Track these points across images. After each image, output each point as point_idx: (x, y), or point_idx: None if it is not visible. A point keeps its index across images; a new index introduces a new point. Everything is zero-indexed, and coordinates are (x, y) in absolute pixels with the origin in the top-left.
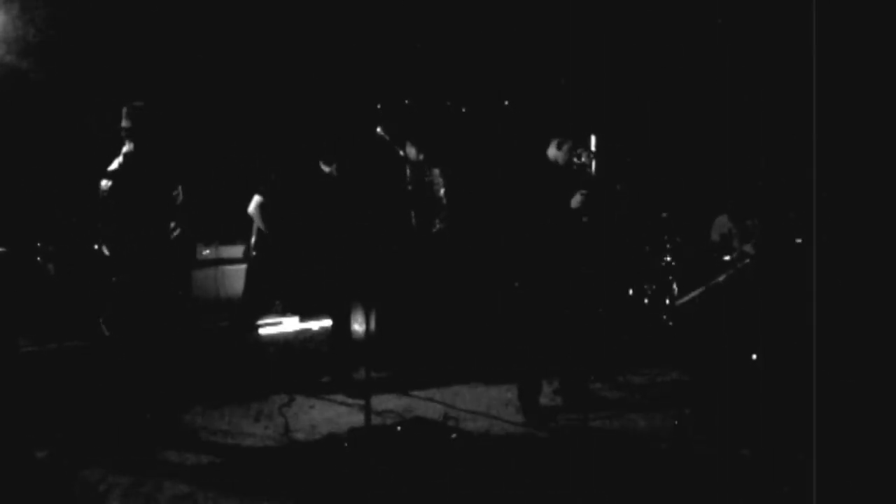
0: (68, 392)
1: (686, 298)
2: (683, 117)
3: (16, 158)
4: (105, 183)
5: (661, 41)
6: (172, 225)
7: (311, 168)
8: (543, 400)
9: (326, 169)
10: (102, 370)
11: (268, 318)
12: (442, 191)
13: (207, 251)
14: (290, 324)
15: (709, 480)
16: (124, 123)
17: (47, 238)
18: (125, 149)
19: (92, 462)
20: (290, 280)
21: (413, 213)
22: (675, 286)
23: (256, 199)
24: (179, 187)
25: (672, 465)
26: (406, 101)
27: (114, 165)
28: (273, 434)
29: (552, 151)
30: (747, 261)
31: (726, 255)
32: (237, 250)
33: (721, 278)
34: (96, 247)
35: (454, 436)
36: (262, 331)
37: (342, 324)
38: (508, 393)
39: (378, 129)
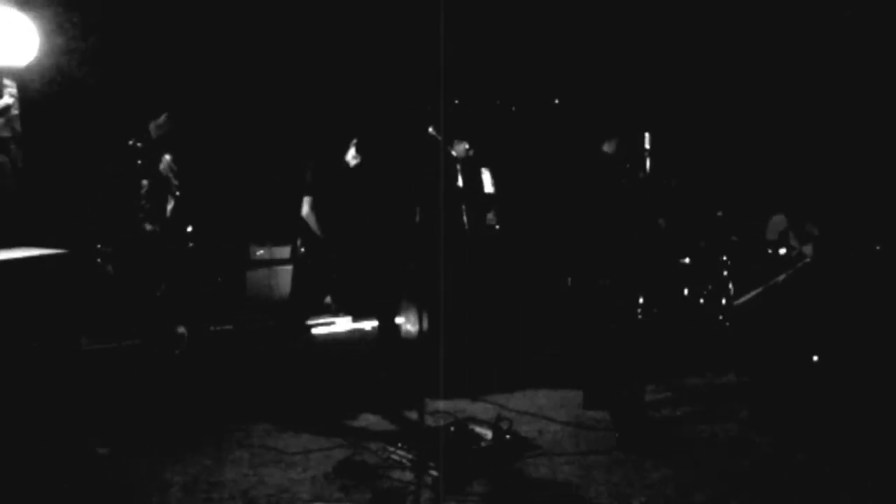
0: (129, 389)
1: (744, 299)
2: (739, 114)
3: (74, 162)
4: (145, 183)
5: (719, 35)
6: None
7: (344, 165)
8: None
9: (352, 162)
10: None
11: (320, 318)
12: (492, 189)
13: (261, 252)
14: (342, 324)
15: (768, 485)
16: (161, 131)
17: (105, 240)
18: (168, 155)
19: (152, 459)
20: (339, 278)
21: (464, 211)
22: (731, 286)
23: (308, 199)
24: None
25: (730, 469)
26: (455, 101)
27: (162, 166)
28: (325, 433)
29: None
30: (807, 260)
31: (782, 254)
32: (289, 251)
33: (780, 278)
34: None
35: (508, 437)
36: (314, 331)
37: (389, 323)
38: (563, 395)
39: (430, 129)
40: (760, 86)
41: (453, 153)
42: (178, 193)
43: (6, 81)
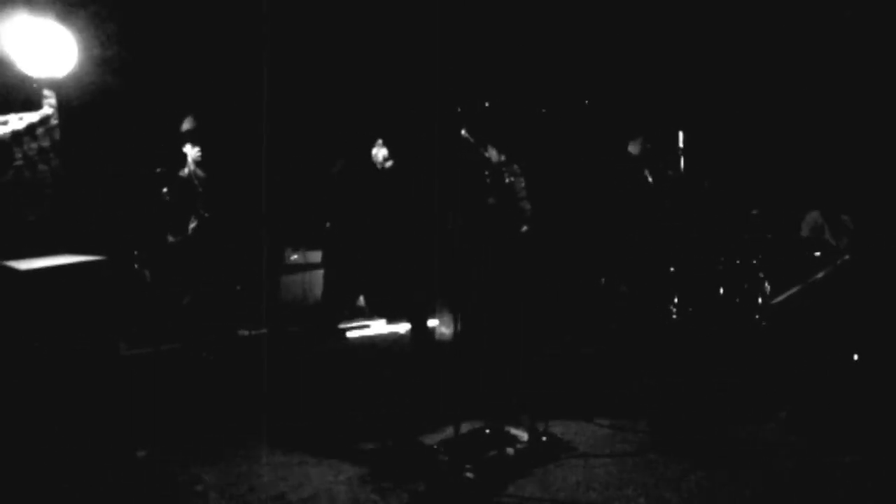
0: (165, 393)
1: (782, 297)
2: (772, 111)
3: (111, 169)
4: (165, 191)
5: (751, 34)
6: None
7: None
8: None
9: (382, 163)
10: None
11: (355, 320)
12: (524, 201)
13: (295, 256)
14: (377, 326)
15: (808, 489)
16: (188, 126)
17: (142, 246)
18: (192, 155)
19: (189, 462)
20: (370, 280)
21: (495, 214)
22: (767, 284)
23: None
24: None
25: (770, 471)
26: (486, 104)
27: (184, 172)
28: (360, 436)
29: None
30: (846, 257)
31: (817, 251)
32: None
33: (819, 276)
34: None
35: (544, 438)
36: (349, 333)
37: (422, 326)
38: (599, 396)
39: (462, 132)
40: (794, 82)
41: (487, 156)
42: (203, 213)
43: (46, 92)
